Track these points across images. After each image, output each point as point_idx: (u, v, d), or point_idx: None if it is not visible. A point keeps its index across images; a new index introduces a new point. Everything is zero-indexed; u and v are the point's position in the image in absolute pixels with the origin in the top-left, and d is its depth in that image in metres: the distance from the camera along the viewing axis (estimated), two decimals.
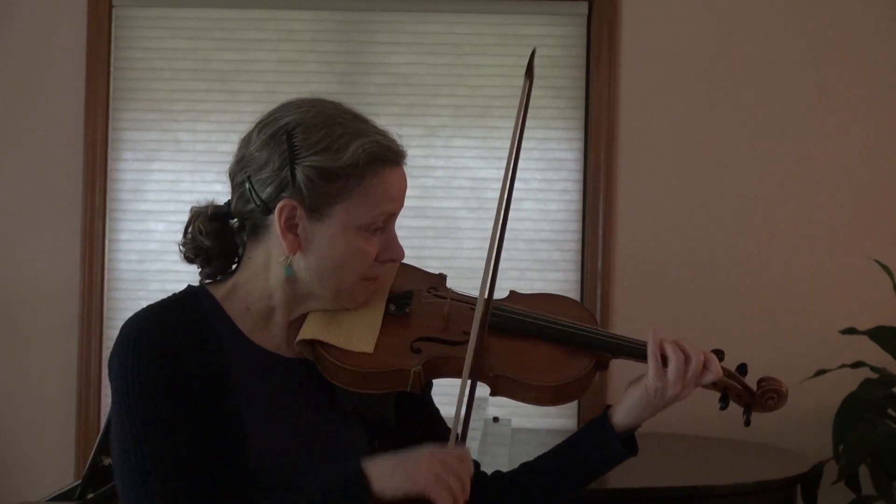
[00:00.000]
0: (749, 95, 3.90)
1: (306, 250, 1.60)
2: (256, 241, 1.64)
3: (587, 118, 3.93)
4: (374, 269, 1.64)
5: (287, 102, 1.66)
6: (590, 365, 1.69)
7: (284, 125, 1.61)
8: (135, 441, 1.51)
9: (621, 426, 1.71)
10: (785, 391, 1.75)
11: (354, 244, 1.60)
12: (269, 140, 1.61)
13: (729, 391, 1.74)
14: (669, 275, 3.89)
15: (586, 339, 1.71)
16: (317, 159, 1.58)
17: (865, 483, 3.47)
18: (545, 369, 1.66)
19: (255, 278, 1.64)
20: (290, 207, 1.58)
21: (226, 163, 3.06)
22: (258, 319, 1.65)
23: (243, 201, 1.63)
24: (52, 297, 3.93)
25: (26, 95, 3.95)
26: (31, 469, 3.91)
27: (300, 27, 3.99)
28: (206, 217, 1.68)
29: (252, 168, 1.62)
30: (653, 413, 1.70)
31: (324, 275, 1.61)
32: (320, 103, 1.64)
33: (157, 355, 1.54)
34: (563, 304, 1.80)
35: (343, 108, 1.64)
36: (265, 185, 1.60)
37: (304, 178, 1.57)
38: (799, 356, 3.79)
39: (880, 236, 3.87)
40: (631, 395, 1.70)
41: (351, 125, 1.61)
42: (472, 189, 3.96)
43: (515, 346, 1.68)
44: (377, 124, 1.65)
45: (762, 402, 1.75)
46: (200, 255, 1.68)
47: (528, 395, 1.65)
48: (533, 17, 3.96)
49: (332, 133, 1.59)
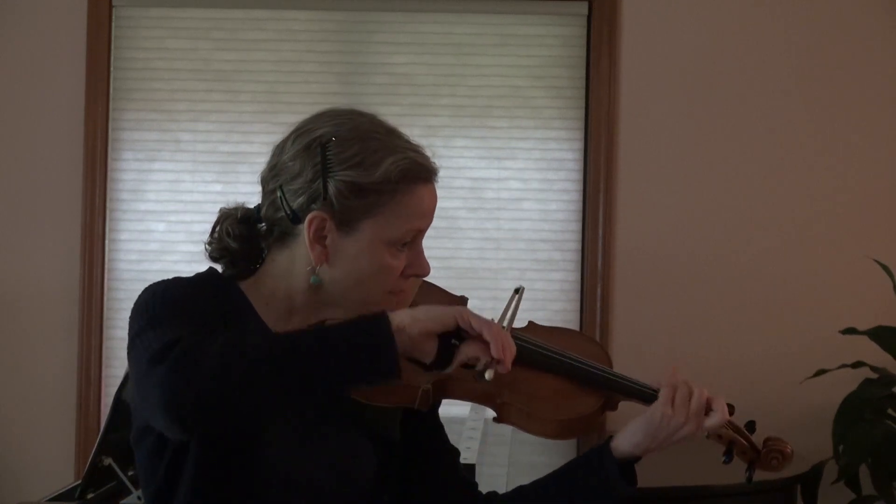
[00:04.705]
0: (749, 95, 3.90)
1: (333, 262, 1.60)
2: (282, 247, 1.64)
3: (587, 118, 3.93)
4: (399, 283, 1.63)
5: (323, 112, 1.65)
6: (598, 404, 1.69)
7: (319, 137, 1.59)
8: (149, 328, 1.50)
9: (621, 453, 1.70)
10: (790, 453, 1.75)
11: (381, 259, 1.60)
12: (304, 151, 1.60)
13: (734, 446, 1.75)
14: (669, 275, 3.89)
15: (598, 379, 1.71)
16: (349, 174, 1.57)
17: (865, 483, 3.47)
18: (553, 403, 1.66)
19: (277, 280, 1.64)
20: (319, 219, 1.58)
21: (226, 163, 3.13)
22: (277, 317, 1.65)
23: (274, 208, 1.62)
24: (52, 297, 3.93)
25: (26, 95, 3.95)
26: (31, 469, 3.91)
27: (300, 27, 3.99)
28: (234, 219, 1.67)
29: (284, 177, 1.61)
30: (654, 444, 1.68)
31: (349, 287, 1.61)
32: (356, 116, 1.63)
33: (188, 296, 1.56)
34: (580, 341, 1.80)
35: (378, 122, 1.63)
36: (297, 195, 1.59)
37: (335, 191, 1.57)
38: (799, 356, 3.79)
39: (880, 236, 3.87)
40: (634, 422, 1.70)
41: (385, 140, 1.59)
42: (472, 189, 3.96)
43: (527, 377, 1.67)
44: (411, 139, 1.64)
45: (766, 461, 1.75)
46: (226, 257, 1.67)
47: (533, 427, 1.65)
48: (533, 17, 3.96)
49: (366, 148, 1.58)
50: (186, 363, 1.40)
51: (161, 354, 1.42)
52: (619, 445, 1.70)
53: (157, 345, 1.44)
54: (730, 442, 1.74)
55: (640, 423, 1.69)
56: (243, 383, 1.40)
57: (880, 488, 3.39)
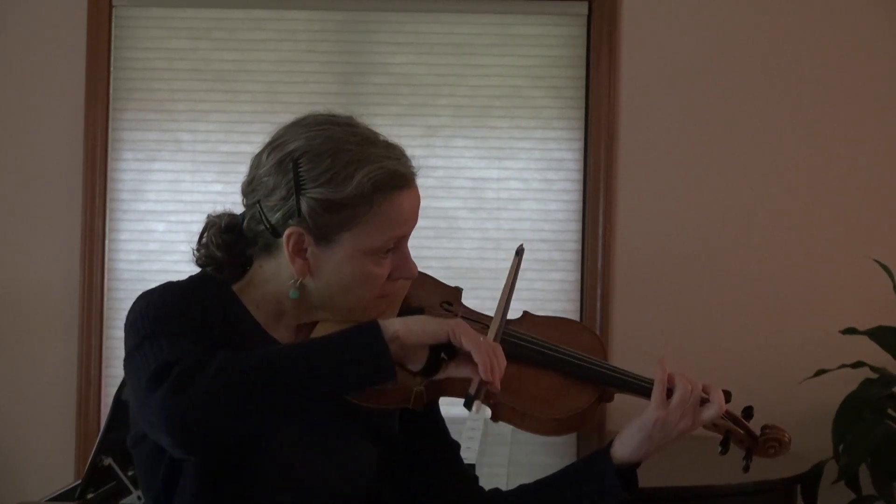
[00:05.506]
0: (749, 95, 3.90)
1: (316, 274, 1.60)
2: (268, 256, 1.64)
3: (587, 118, 3.93)
4: (386, 287, 1.63)
5: (296, 122, 1.63)
6: (593, 398, 1.68)
7: (291, 152, 1.58)
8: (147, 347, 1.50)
9: (620, 458, 1.68)
10: (787, 440, 1.73)
11: (364, 268, 1.59)
12: (277, 167, 1.59)
13: (731, 435, 1.72)
14: (669, 275, 3.89)
15: (593, 373, 1.69)
16: (321, 191, 1.56)
17: (865, 483, 3.47)
18: (548, 400, 1.66)
19: (265, 285, 1.64)
20: (297, 234, 1.58)
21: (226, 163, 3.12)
22: (268, 317, 1.65)
23: (255, 221, 1.62)
24: (52, 297, 3.93)
25: (26, 95, 3.95)
26: (31, 469, 3.91)
27: (300, 27, 3.99)
28: (219, 229, 1.68)
29: (261, 192, 1.61)
30: (653, 445, 1.66)
31: (335, 295, 1.61)
32: (329, 126, 1.60)
33: (182, 303, 1.56)
34: (574, 331, 1.79)
35: (351, 131, 1.60)
36: (274, 210, 1.59)
37: (308, 209, 1.56)
38: (799, 356, 3.79)
39: (880, 236, 3.87)
40: (630, 426, 1.68)
41: (357, 151, 1.57)
42: (472, 189, 3.96)
43: (521, 374, 1.67)
44: (388, 141, 1.62)
45: (763, 448, 1.73)
46: (212, 264, 1.68)
47: (528, 425, 1.65)
48: (533, 17, 3.96)
49: (338, 162, 1.56)
50: (186, 386, 1.41)
51: (159, 376, 1.44)
52: (617, 451, 1.69)
53: (154, 363, 1.46)
54: (726, 431, 1.72)
55: (635, 428, 1.67)
56: (243, 402, 1.42)
57: (880, 488, 3.39)
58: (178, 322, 1.53)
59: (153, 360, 1.47)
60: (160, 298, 1.57)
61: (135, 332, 1.53)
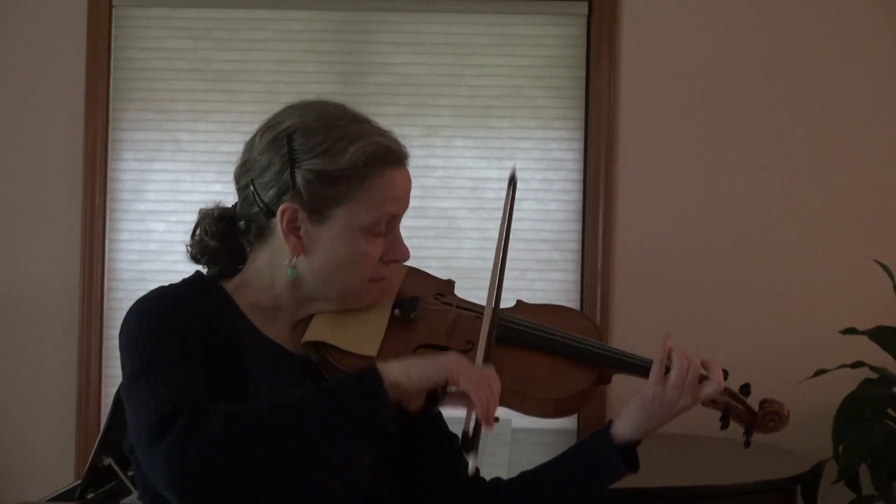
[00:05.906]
0: (749, 95, 3.90)
1: (310, 252, 1.61)
2: (262, 243, 1.65)
3: (587, 118, 3.93)
4: (379, 270, 1.64)
5: (290, 105, 1.67)
6: (591, 379, 1.69)
7: (285, 129, 1.62)
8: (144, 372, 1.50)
9: (621, 437, 1.70)
10: (786, 414, 1.75)
11: (357, 246, 1.60)
12: (271, 144, 1.62)
13: (730, 410, 1.75)
14: (669, 274, 3.89)
15: (590, 354, 1.71)
16: (316, 162, 1.58)
17: (865, 483, 3.47)
18: (547, 382, 1.67)
19: (259, 278, 1.65)
20: (291, 210, 1.59)
21: (226, 163, 3.11)
22: (263, 316, 1.65)
23: (248, 204, 1.64)
24: (52, 297, 3.93)
25: (26, 95, 3.95)
26: (31, 469, 3.91)
27: (300, 27, 3.99)
28: (212, 218, 1.69)
29: (255, 172, 1.63)
30: (653, 423, 1.68)
31: (328, 277, 1.61)
32: (322, 106, 1.65)
33: (176, 316, 1.56)
34: (568, 316, 1.81)
35: (344, 111, 1.64)
36: (267, 188, 1.61)
37: (303, 181, 1.58)
38: (799, 356, 3.79)
39: (880, 236, 3.87)
40: (630, 405, 1.70)
41: (350, 127, 1.61)
42: (472, 189, 3.96)
43: (518, 358, 1.68)
44: (379, 125, 1.65)
45: (763, 423, 1.76)
46: (206, 255, 1.68)
47: (528, 408, 1.66)
48: (533, 17, 3.96)
49: (332, 136, 1.59)
50: (188, 447, 1.42)
51: (161, 427, 1.44)
52: (618, 430, 1.71)
53: (154, 410, 1.45)
54: (725, 407, 1.74)
55: (635, 405, 1.69)
56: (247, 458, 1.43)
57: (880, 488, 3.39)
58: (175, 346, 1.52)
59: (153, 405, 1.46)
60: (154, 313, 1.56)
61: (131, 356, 1.53)
